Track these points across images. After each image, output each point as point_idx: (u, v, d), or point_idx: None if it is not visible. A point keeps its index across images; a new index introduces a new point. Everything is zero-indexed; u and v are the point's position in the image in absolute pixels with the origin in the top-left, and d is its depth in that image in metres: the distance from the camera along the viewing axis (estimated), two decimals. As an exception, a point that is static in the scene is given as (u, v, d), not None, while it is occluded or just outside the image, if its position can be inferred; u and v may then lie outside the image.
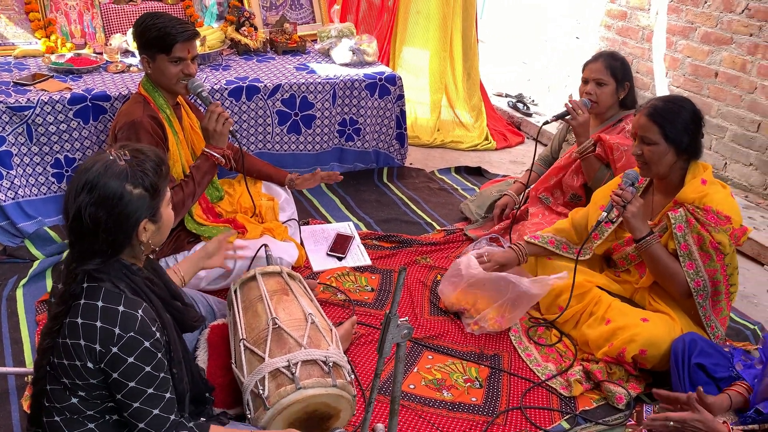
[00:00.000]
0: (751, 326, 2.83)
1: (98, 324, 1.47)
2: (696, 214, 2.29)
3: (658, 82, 4.68)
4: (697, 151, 2.38)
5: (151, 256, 1.71)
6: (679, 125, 2.31)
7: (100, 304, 1.49)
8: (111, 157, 1.53)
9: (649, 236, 2.33)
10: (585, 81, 3.01)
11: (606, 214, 2.36)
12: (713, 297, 2.35)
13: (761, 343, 2.23)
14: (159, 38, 2.44)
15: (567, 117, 2.96)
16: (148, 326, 1.51)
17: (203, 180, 2.59)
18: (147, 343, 1.49)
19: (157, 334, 1.53)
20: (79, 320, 1.48)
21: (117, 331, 1.47)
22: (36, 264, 2.83)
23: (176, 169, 2.59)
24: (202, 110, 2.89)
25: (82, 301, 1.50)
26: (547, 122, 3.09)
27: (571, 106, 2.93)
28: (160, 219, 1.61)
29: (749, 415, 2.01)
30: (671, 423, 1.97)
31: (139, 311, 1.50)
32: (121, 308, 1.49)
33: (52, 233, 3.00)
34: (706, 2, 4.25)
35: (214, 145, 2.60)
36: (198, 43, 3.56)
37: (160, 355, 1.52)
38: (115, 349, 1.46)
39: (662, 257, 2.32)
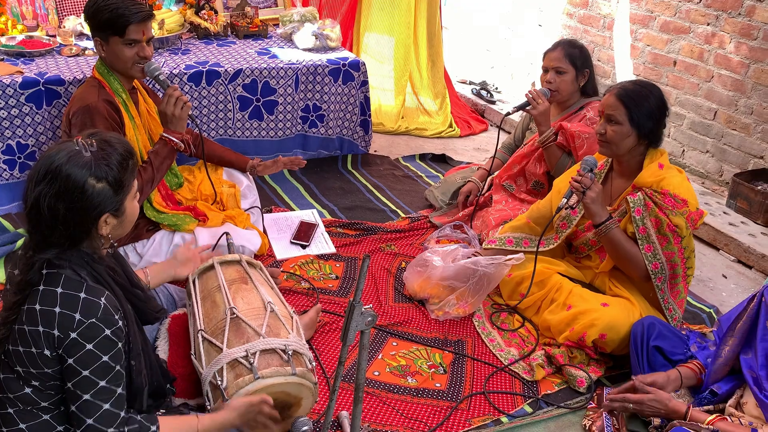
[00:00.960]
0: (707, 309, 2.91)
1: (57, 310, 1.43)
2: (654, 197, 2.33)
3: (619, 70, 4.75)
4: (657, 139, 2.42)
5: (110, 250, 1.66)
6: (644, 110, 2.35)
7: (59, 290, 1.45)
8: (77, 147, 1.48)
9: (608, 221, 2.36)
10: (545, 70, 3.03)
11: (566, 200, 2.39)
12: (671, 280, 2.40)
13: (716, 326, 2.29)
14: (111, 20, 2.36)
15: (528, 107, 2.98)
16: (111, 314, 1.47)
17: (162, 165, 2.53)
18: (108, 331, 1.45)
19: (120, 323, 1.49)
20: (38, 306, 1.44)
21: (77, 316, 1.43)
22: (-13, 254, 2.74)
23: None
24: (160, 95, 2.82)
25: (41, 287, 1.46)
26: (508, 113, 3.12)
27: (531, 96, 2.95)
28: (123, 213, 1.57)
29: (704, 396, 2.07)
30: (630, 405, 2.02)
31: (102, 299, 1.47)
32: (82, 295, 1.45)
33: (4, 222, 2.91)
34: (665, -9, 4.31)
35: (172, 130, 2.53)
36: (156, 26, 3.49)
37: (120, 345, 1.49)
38: (74, 335, 1.42)
39: (621, 241, 2.36)
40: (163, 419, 1.60)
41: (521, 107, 3.03)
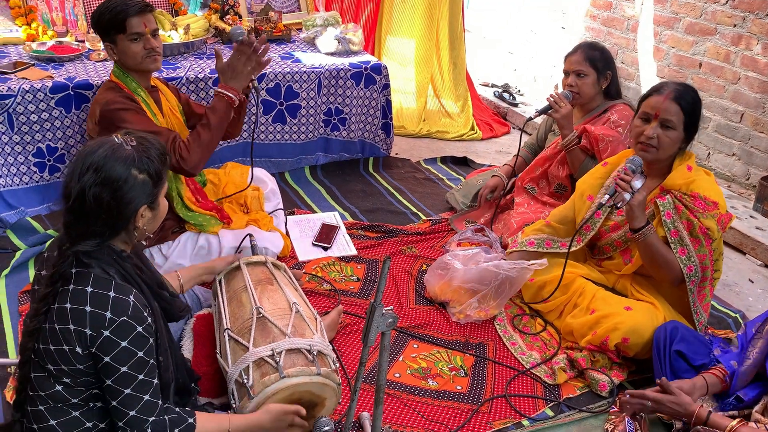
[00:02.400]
0: (733, 314, 2.87)
1: (88, 309, 1.47)
2: (684, 200, 2.30)
3: (643, 72, 4.71)
4: (692, 140, 2.39)
5: (144, 243, 1.71)
6: (697, 114, 2.32)
7: (89, 289, 1.49)
8: (118, 141, 1.55)
9: (648, 226, 2.29)
10: (566, 73, 3.03)
11: (609, 196, 2.30)
12: (700, 283, 2.37)
13: (741, 331, 2.26)
14: (112, 19, 2.39)
15: (549, 111, 2.97)
16: (140, 311, 1.51)
17: (221, 124, 2.44)
18: (140, 328, 1.50)
19: (149, 320, 1.54)
20: (68, 305, 1.48)
21: (108, 315, 1.47)
22: (18, 254, 2.80)
23: None
24: (184, 91, 2.83)
25: (71, 287, 1.49)
26: (530, 118, 3.12)
27: (552, 99, 2.94)
28: (157, 207, 1.64)
29: (729, 402, 2.04)
30: (648, 403, 2.00)
31: (131, 297, 1.51)
32: (111, 293, 1.49)
33: (34, 223, 2.97)
34: (690, -7, 4.27)
35: (229, 86, 2.46)
36: (182, 31, 3.55)
37: (151, 340, 1.53)
38: (107, 333, 1.46)
39: (658, 245, 2.30)
40: (199, 414, 1.64)
41: (543, 111, 3.03)
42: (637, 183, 2.25)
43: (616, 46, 4.86)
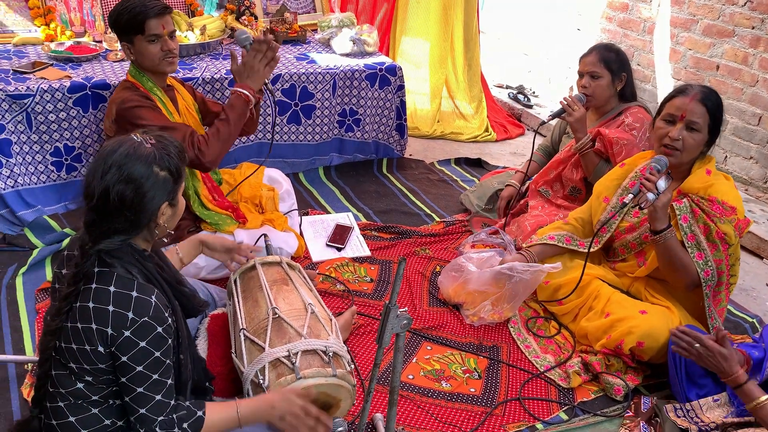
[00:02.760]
0: (750, 319, 2.84)
1: (110, 308, 1.48)
2: (701, 204, 2.28)
3: (660, 74, 4.67)
4: (714, 143, 2.37)
5: (165, 240, 1.73)
6: (720, 116, 2.29)
7: (112, 289, 1.50)
8: (137, 140, 1.57)
9: (669, 228, 2.26)
10: (580, 74, 3.01)
11: (633, 196, 2.26)
12: (716, 287, 2.35)
13: (759, 335, 2.24)
14: (131, 20, 2.41)
15: (563, 114, 2.96)
16: (161, 312, 1.53)
17: (239, 121, 2.47)
18: (160, 329, 1.51)
19: (169, 320, 1.55)
20: (91, 304, 1.49)
21: (130, 315, 1.48)
22: (35, 252, 2.83)
23: None
24: (201, 91, 2.85)
25: (93, 286, 1.51)
26: (543, 122, 3.10)
27: (566, 102, 2.93)
28: (177, 204, 1.66)
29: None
30: (697, 345, 1.97)
31: (153, 297, 1.52)
32: (134, 293, 1.50)
33: (51, 222, 3.00)
34: (708, -6, 4.24)
35: (245, 84, 2.49)
36: (198, 32, 3.57)
37: (169, 341, 1.55)
38: (127, 333, 1.48)
39: (677, 249, 2.27)
40: (208, 404, 1.65)
41: (557, 114, 3.01)
42: (662, 183, 2.20)
43: (632, 48, 4.83)
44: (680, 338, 2.01)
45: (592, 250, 2.56)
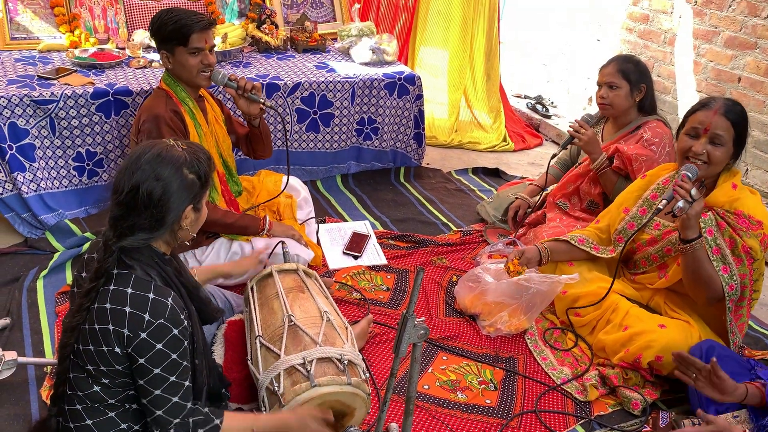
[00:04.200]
0: (771, 335, 2.80)
1: (127, 309, 1.50)
2: (726, 217, 2.26)
3: (680, 86, 4.63)
4: (740, 156, 2.34)
5: (187, 243, 1.75)
6: (745, 129, 2.27)
7: (129, 290, 1.52)
8: (170, 143, 1.62)
9: (699, 238, 2.23)
10: (599, 85, 3.00)
11: (666, 201, 2.24)
12: (738, 302, 2.32)
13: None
14: (175, 30, 2.46)
15: (573, 140, 2.95)
16: (177, 314, 1.54)
17: (231, 226, 2.63)
18: (176, 331, 1.52)
19: (185, 323, 1.56)
20: (108, 305, 1.51)
21: (146, 317, 1.50)
22: (56, 256, 2.86)
23: None
24: (221, 98, 2.92)
25: (111, 287, 1.53)
26: (555, 155, 3.08)
27: (572, 129, 2.92)
28: (201, 209, 1.69)
29: (765, 423, 1.99)
30: (693, 375, 1.94)
31: (169, 299, 1.54)
32: (150, 295, 1.52)
33: (72, 226, 3.04)
34: (730, 6, 4.20)
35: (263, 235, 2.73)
36: (219, 39, 3.60)
37: (185, 343, 1.56)
38: (143, 335, 1.49)
39: (704, 261, 2.24)
40: (227, 414, 1.66)
41: (567, 143, 3.01)
42: (695, 192, 2.17)
43: (653, 60, 4.80)
44: (679, 363, 1.99)
45: (610, 256, 2.57)
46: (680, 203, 2.15)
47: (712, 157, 2.25)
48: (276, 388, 1.80)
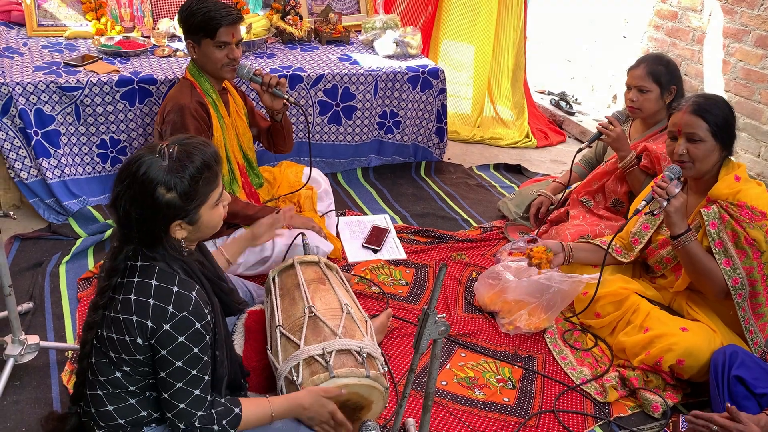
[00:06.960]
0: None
1: (151, 301, 1.50)
2: (729, 209, 2.24)
3: (708, 85, 4.55)
4: (732, 147, 2.33)
5: (191, 247, 1.72)
6: (721, 119, 2.27)
7: (153, 282, 1.52)
8: (157, 155, 1.52)
9: (687, 233, 2.26)
10: (628, 87, 2.93)
11: (645, 203, 2.29)
12: (752, 299, 2.28)
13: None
14: (204, 22, 2.46)
15: (601, 137, 2.90)
16: (201, 308, 1.54)
17: (253, 216, 2.60)
18: (199, 325, 1.52)
19: (208, 317, 1.56)
20: (133, 297, 1.52)
21: (170, 309, 1.50)
22: (79, 242, 2.89)
23: (221, 153, 2.61)
24: (243, 89, 2.94)
25: (136, 279, 1.53)
26: (580, 149, 3.03)
27: (601, 126, 2.88)
28: (197, 221, 1.59)
29: None
30: (715, 427, 1.92)
31: (193, 293, 1.54)
32: (175, 288, 1.52)
33: (95, 212, 3.07)
34: (762, 5, 4.11)
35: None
36: (244, 29, 3.60)
37: (207, 338, 1.56)
38: (167, 327, 1.49)
39: (699, 254, 2.26)
40: (243, 401, 1.66)
41: (594, 139, 2.96)
42: (674, 189, 2.23)
43: (680, 58, 4.72)
44: (696, 423, 1.95)
45: (627, 260, 2.57)
46: (663, 202, 2.21)
47: (694, 155, 2.28)
48: (295, 378, 1.80)
